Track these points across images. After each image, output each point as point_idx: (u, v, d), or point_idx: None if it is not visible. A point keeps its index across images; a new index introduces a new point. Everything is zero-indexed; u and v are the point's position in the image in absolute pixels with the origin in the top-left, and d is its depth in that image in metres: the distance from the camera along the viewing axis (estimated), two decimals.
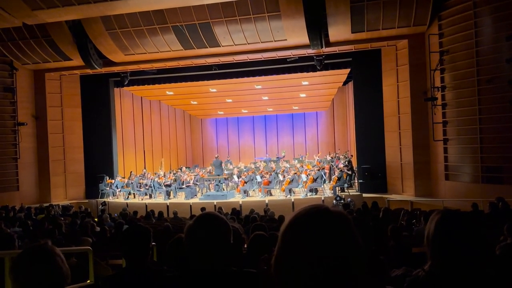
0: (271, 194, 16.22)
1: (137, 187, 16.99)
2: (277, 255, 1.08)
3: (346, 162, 16.77)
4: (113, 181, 17.38)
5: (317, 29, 13.23)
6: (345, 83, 21.02)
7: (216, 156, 18.65)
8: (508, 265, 3.51)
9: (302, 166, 17.82)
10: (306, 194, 15.39)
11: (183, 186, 16.91)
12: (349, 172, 15.74)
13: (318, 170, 15.79)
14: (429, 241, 1.65)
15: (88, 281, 3.84)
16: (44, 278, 1.66)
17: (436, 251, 1.62)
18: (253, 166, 20.36)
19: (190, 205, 14.88)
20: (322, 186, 15.67)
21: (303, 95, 22.66)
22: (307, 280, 1.00)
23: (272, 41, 14.27)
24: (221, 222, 1.85)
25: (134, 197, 17.35)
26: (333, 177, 16.06)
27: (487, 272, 1.58)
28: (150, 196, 16.93)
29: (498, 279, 1.59)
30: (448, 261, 1.59)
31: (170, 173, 20.14)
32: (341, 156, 20.15)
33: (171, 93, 21.52)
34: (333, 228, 1.03)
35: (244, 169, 19.13)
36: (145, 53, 15.29)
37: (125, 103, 21.04)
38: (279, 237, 1.09)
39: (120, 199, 17.07)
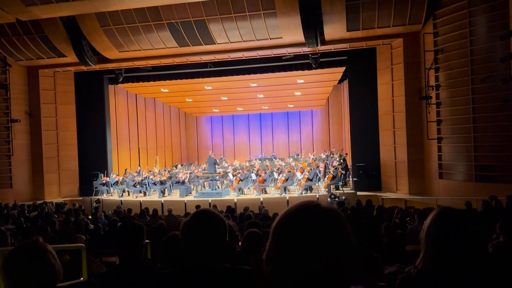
0: (266, 192, 16.24)
1: (131, 184, 16.94)
2: (268, 251, 1.07)
3: (341, 160, 16.82)
4: (107, 178, 17.33)
5: (312, 27, 13.24)
6: (340, 81, 21.06)
7: (211, 153, 18.64)
8: (500, 263, 3.54)
9: (297, 164, 17.84)
10: (301, 192, 15.42)
11: (178, 182, 16.87)
12: (343, 171, 15.78)
13: (312, 168, 15.83)
14: (425, 233, 1.67)
15: (82, 278, 3.83)
16: (36, 275, 1.65)
17: (430, 244, 1.64)
18: (248, 164, 20.35)
19: (185, 203, 14.87)
20: (317, 184, 15.71)
21: (298, 93, 22.68)
22: (299, 276, 1.00)
23: (268, 39, 14.25)
24: (218, 219, 1.85)
25: (129, 194, 17.31)
26: (328, 175, 16.10)
27: (478, 269, 1.59)
28: (145, 194, 16.89)
29: (489, 276, 1.60)
30: (440, 255, 1.60)
31: (165, 170, 20.10)
32: (335, 155, 20.19)
33: (166, 90, 21.45)
34: (324, 224, 1.03)
35: (239, 167, 19.13)
36: (140, 50, 15.22)
37: (120, 100, 20.95)
38: (270, 233, 1.09)
39: (114, 196, 17.03)
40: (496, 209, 8.58)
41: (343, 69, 17.33)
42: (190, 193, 16.95)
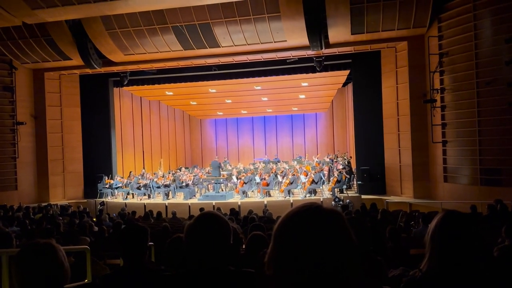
0: (270, 195, 16.23)
1: (135, 187, 16.98)
2: (270, 253, 1.07)
3: (346, 163, 16.77)
4: (112, 181, 17.37)
5: (317, 31, 13.24)
6: (345, 84, 21.03)
7: (215, 158, 18.64)
8: (506, 267, 3.52)
9: (301, 167, 17.81)
10: (305, 195, 15.39)
11: (182, 185, 16.89)
12: (348, 175, 15.74)
13: (317, 171, 15.80)
14: (430, 236, 1.66)
15: (86, 280, 3.84)
16: (46, 272, 1.66)
17: (435, 247, 1.63)
18: (252, 167, 20.35)
19: (189, 206, 14.88)
20: (321, 187, 15.67)
21: (302, 96, 22.67)
22: (301, 278, 1.00)
23: (272, 42, 14.27)
24: (222, 222, 1.84)
25: (133, 197, 17.34)
26: (332, 178, 16.07)
27: (483, 273, 1.58)
28: (149, 196, 16.92)
29: (494, 280, 1.59)
30: (445, 259, 1.60)
31: (169, 173, 20.13)
32: (339, 158, 20.14)
33: (171, 93, 21.51)
34: (326, 226, 1.03)
35: (243, 170, 19.13)
36: (145, 53, 15.29)
37: (125, 103, 21.02)
38: (272, 235, 1.09)
39: (119, 199, 17.07)
40: (502, 213, 8.53)
41: (347, 72, 17.31)
42: (194, 195, 16.96)
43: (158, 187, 16.73)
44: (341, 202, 13.44)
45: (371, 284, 2.24)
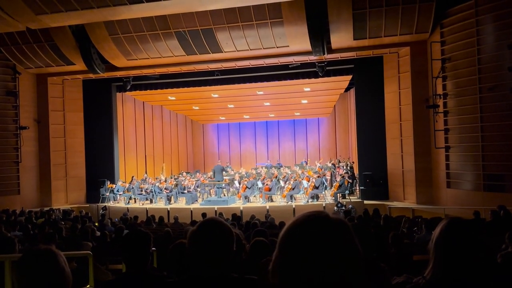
0: (272, 200, 16.20)
1: (138, 192, 16.98)
2: (274, 261, 1.07)
3: (348, 168, 16.75)
4: (114, 185, 17.38)
5: (319, 36, 13.27)
6: (347, 89, 21.04)
7: (218, 162, 18.67)
8: (509, 274, 3.50)
9: (304, 173, 17.79)
10: (307, 201, 15.36)
11: (184, 191, 16.90)
12: (350, 180, 15.70)
13: (319, 176, 15.77)
14: (434, 244, 1.65)
15: (88, 285, 3.83)
16: (48, 280, 1.66)
17: (439, 255, 1.62)
18: (254, 172, 20.33)
19: (191, 211, 14.87)
20: (324, 192, 15.64)
21: (305, 101, 22.69)
22: (305, 286, 0.99)
23: (274, 47, 14.31)
24: (226, 228, 1.84)
25: (135, 202, 17.34)
26: (335, 183, 16.03)
27: (487, 280, 1.57)
28: (151, 201, 16.91)
29: (498, 287, 1.58)
30: (450, 266, 1.59)
31: (171, 178, 20.12)
32: (341, 163, 20.10)
33: (173, 98, 21.57)
34: (333, 236, 1.02)
35: (245, 175, 19.12)
36: (148, 58, 15.34)
37: (127, 108, 21.08)
38: (277, 244, 1.08)
39: (121, 204, 17.06)
40: (505, 219, 8.50)
41: (349, 77, 17.32)
42: (196, 200, 16.95)
43: (160, 192, 16.73)
44: (343, 208, 13.40)
45: None
